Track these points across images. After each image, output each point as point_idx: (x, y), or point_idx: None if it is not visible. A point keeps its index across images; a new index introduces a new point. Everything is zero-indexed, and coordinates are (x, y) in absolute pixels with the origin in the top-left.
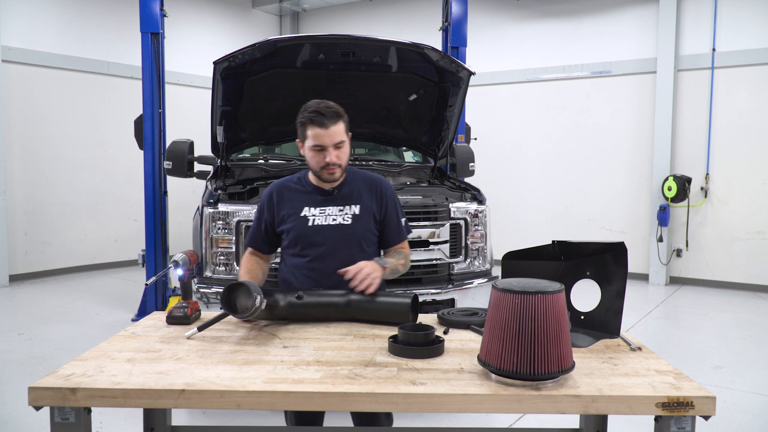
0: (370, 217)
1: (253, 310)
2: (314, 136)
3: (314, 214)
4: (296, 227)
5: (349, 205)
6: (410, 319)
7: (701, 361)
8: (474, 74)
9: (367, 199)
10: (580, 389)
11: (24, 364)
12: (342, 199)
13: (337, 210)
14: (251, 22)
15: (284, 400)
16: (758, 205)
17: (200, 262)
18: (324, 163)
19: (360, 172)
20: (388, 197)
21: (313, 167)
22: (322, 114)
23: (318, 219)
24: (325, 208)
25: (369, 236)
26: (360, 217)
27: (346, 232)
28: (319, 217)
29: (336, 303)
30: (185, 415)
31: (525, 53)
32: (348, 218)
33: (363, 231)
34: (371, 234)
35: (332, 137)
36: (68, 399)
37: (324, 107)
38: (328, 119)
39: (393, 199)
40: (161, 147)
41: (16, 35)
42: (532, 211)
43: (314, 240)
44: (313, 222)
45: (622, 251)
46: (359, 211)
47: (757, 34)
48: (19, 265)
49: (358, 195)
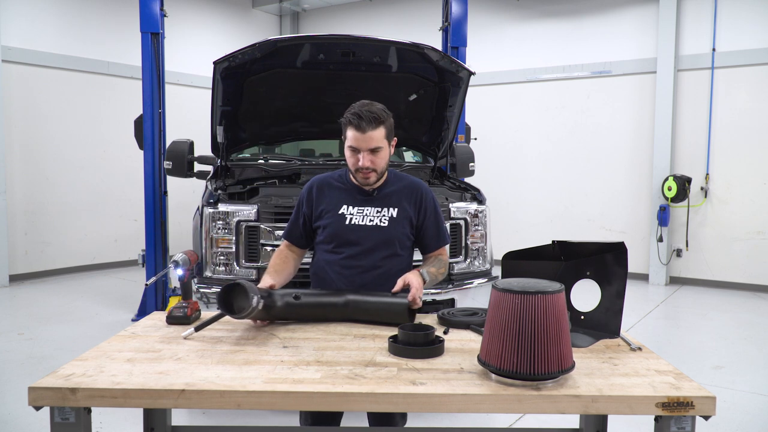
0: (407, 221)
1: (250, 310)
2: (350, 138)
3: (352, 213)
4: (333, 224)
5: (387, 208)
6: (408, 319)
7: (701, 361)
8: (474, 74)
9: (406, 203)
10: (580, 389)
11: (24, 364)
12: (381, 200)
13: (375, 211)
14: (251, 22)
15: (284, 400)
16: (758, 205)
17: (200, 262)
18: (357, 166)
19: (402, 175)
20: (428, 203)
21: (349, 167)
22: (361, 117)
23: (355, 218)
24: (363, 208)
25: (404, 240)
26: (397, 220)
27: (382, 234)
28: (356, 217)
29: (334, 303)
30: (185, 415)
31: (525, 53)
32: (385, 220)
33: (398, 234)
34: (406, 238)
35: (368, 142)
36: (68, 399)
37: (366, 110)
38: (367, 123)
39: (433, 205)
40: (161, 147)
41: (16, 35)
42: (532, 211)
43: (350, 238)
44: (350, 221)
45: (622, 251)
46: (396, 215)
47: (757, 34)
48: (19, 265)
49: (397, 198)
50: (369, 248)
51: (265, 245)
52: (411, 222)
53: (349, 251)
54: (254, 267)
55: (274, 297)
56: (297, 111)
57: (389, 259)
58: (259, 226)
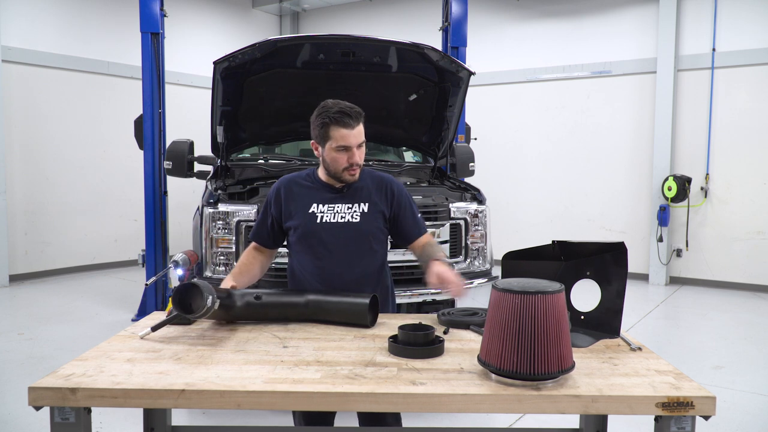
0: (379, 215)
1: (205, 310)
2: (341, 137)
3: (322, 211)
4: (303, 223)
5: (358, 203)
6: (368, 320)
7: (701, 361)
8: (474, 74)
9: (376, 197)
10: (580, 389)
11: (24, 364)
12: (351, 196)
13: (345, 207)
14: (251, 22)
15: (284, 400)
16: (758, 205)
17: (200, 262)
18: (348, 164)
19: (368, 170)
20: (398, 194)
21: (335, 168)
22: (347, 114)
23: (326, 216)
24: (334, 206)
25: (377, 234)
26: (368, 214)
27: (354, 230)
28: (327, 214)
29: (295, 303)
30: (185, 415)
31: (525, 53)
32: (356, 216)
33: (371, 228)
34: (380, 232)
35: (357, 137)
36: (68, 399)
37: (347, 107)
38: (354, 119)
39: (404, 196)
40: (161, 147)
41: (16, 35)
42: (532, 211)
43: (321, 237)
44: (321, 219)
45: (622, 251)
46: (368, 209)
47: (757, 34)
48: (19, 265)
49: (367, 193)
50: (342, 245)
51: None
52: (384, 215)
53: (322, 250)
54: None
55: (234, 297)
56: (297, 111)
57: (364, 256)
58: None
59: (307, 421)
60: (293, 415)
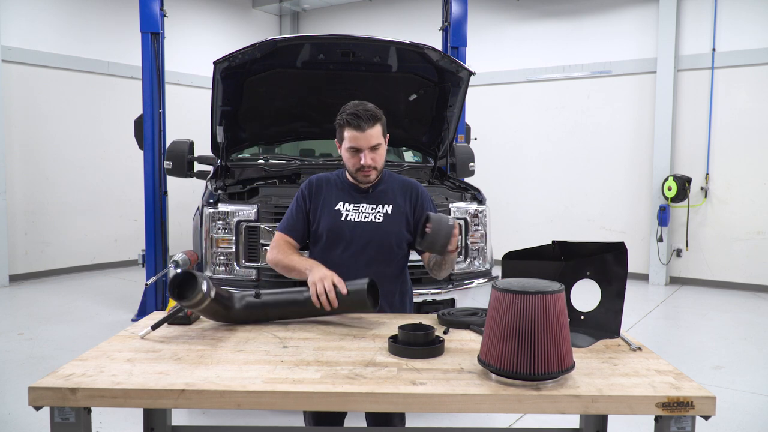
0: (403, 218)
1: (200, 297)
2: (351, 139)
3: (348, 209)
4: (328, 220)
5: (382, 204)
6: (369, 304)
7: (701, 361)
8: (474, 74)
9: (401, 200)
10: (580, 389)
11: (24, 364)
12: (376, 197)
13: (370, 207)
14: (251, 22)
15: (284, 400)
16: (758, 205)
17: (200, 262)
18: (359, 165)
19: (396, 175)
20: (424, 200)
21: (349, 168)
22: (359, 116)
23: (351, 214)
24: (359, 205)
25: (399, 236)
26: (391, 216)
27: (377, 230)
28: (351, 213)
29: (294, 300)
30: (185, 415)
31: (525, 53)
32: (380, 216)
33: (393, 231)
34: (402, 235)
35: (368, 140)
36: (68, 399)
37: (362, 110)
38: (365, 122)
39: (428, 201)
40: (161, 147)
41: (16, 35)
42: (532, 211)
43: (345, 234)
44: (346, 217)
45: (622, 251)
46: (391, 211)
47: (757, 34)
48: (19, 265)
49: (392, 195)
50: (363, 244)
51: (265, 245)
52: (407, 218)
53: (343, 247)
54: (254, 267)
55: (234, 297)
56: (297, 111)
57: (385, 256)
58: (259, 226)
59: (317, 421)
60: (304, 416)
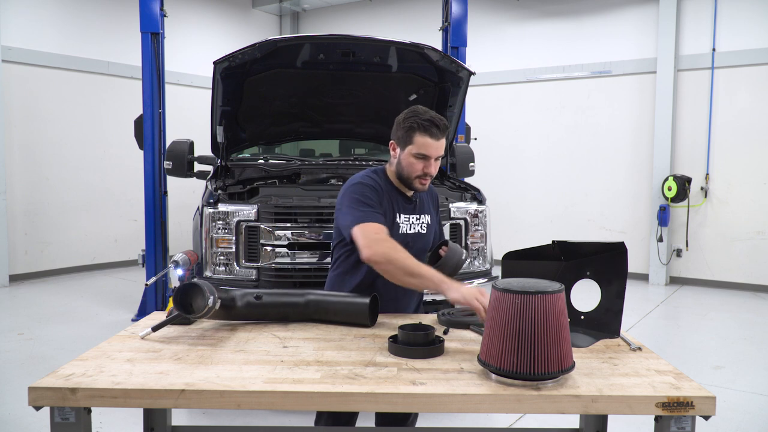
0: (435, 226)
1: (206, 309)
2: (422, 145)
3: (403, 221)
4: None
5: (424, 214)
6: (368, 320)
7: (701, 361)
8: (474, 74)
9: (432, 208)
10: (580, 389)
11: (24, 364)
12: (419, 207)
13: (415, 218)
14: (251, 22)
15: (284, 400)
16: (758, 205)
17: (200, 262)
18: (422, 172)
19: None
20: (439, 203)
21: (408, 173)
22: (435, 124)
23: (404, 227)
24: (409, 216)
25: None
26: (431, 226)
27: (422, 240)
28: (404, 225)
29: (295, 303)
30: (185, 415)
31: (525, 53)
32: (424, 227)
33: (431, 240)
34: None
35: (438, 149)
36: (68, 399)
37: (437, 118)
38: (441, 131)
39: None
40: (161, 147)
41: (17, 35)
42: (532, 211)
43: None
44: (401, 230)
45: (622, 251)
46: (430, 221)
47: (757, 34)
48: (19, 265)
49: (428, 204)
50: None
51: (265, 245)
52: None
53: None
54: (254, 267)
55: (235, 298)
56: (297, 111)
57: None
58: (259, 226)
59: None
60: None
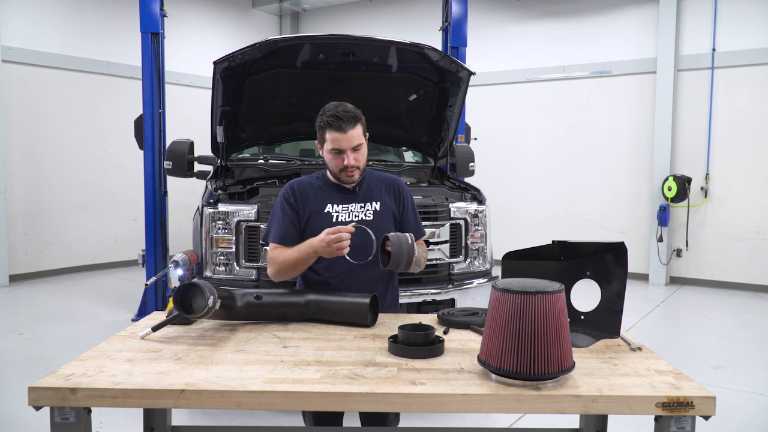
0: (390, 214)
1: (206, 310)
2: (332, 140)
3: (337, 210)
4: (320, 224)
5: (370, 202)
6: (369, 319)
7: (701, 361)
8: (474, 74)
9: (386, 197)
10: (580, 389)
11: (24, 364)
12: (363, 196)
13: (358, 207)
14: (251, 22)
15: (284, 400)
16: (758, 205)
17: (200, 262)
18: (342, 166)
19: (376, 172)
20: (406, 195)
21: (332, 169)
22: (339, 118)
23: (341, 215)
24: (348, 205)
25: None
26: (380, 213)
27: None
28: (341, 214)
29: (295, 303)
30: (185, 415)
31: (525, 53)
32: (369, 214)
33: (384, 227)
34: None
35: (350, 141)
36: (68, 399)
37: (342, 111)
38: (346, 123)
39: (409, 197)
40: (161, 147)
41: (17, 35)
42: (532, 211)
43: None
44: (337, 218)
45: (622, 251)
46: (379, 208)
47: (757, 34)
48: (19, 265)
49: (378, 192)
50: (357, 244)
51: (265, 245)
52: (394, 214)
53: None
54: (254, 267)
55: (235, 297)
56: (297, 111)
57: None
58: (259, 226)
59: (317, 421)
60: (303, 415)
